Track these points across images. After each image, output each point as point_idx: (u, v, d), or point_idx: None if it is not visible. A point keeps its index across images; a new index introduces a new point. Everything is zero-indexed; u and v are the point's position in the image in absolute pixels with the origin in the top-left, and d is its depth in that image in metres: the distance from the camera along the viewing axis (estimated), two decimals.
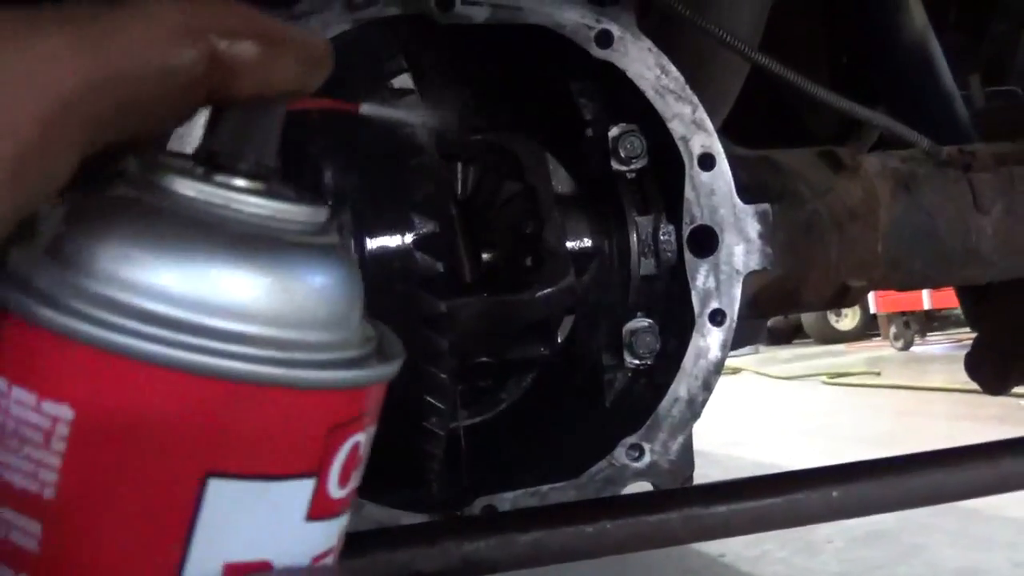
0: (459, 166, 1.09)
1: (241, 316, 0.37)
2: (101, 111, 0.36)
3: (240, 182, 0.39)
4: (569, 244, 1.01)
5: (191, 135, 0.84)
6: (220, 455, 0.36)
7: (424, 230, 0.87)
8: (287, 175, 0.42)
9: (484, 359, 1.05)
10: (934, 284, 1.22)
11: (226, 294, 0.36)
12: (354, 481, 0.41)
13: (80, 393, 0.35)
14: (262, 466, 0.37)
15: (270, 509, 0.37)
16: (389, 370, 0.42)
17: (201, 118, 0.41)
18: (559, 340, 1.07)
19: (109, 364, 0.35)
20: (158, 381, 0.35)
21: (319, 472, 0.39)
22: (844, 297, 1.14)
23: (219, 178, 0.39)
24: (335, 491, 0.40)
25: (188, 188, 0.38)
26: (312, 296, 0.39)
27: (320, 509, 0.39)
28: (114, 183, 0.39)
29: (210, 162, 0.40)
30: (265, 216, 0.39)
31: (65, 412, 0.35)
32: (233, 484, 0.36)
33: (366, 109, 0.50)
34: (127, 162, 0.39)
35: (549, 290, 0.98)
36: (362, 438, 0.41)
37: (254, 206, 0.39)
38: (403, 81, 0.90)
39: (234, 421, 0.36)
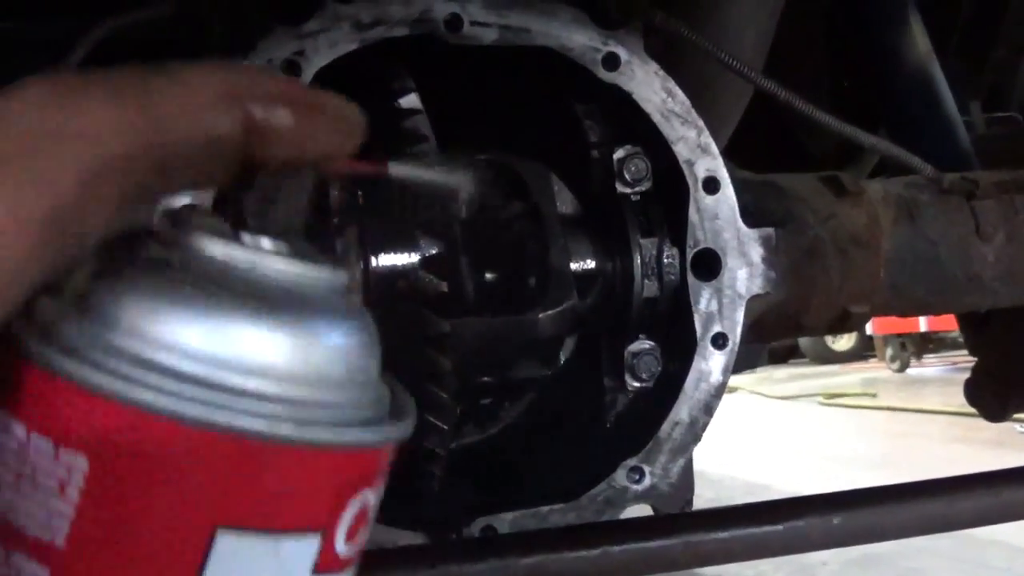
0: None
1: (259, 374, 0.37)
2: (140, 173, 0.37)
3: (267, 244, 0.40)
4: (572, 265, 1.01)
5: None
6: (230, 509, 0.36)
7: (428, 250, 0.87)
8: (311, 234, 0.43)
9: (486, 379, 1.05)
10: (935, 311, 1.22)
11: (245, 352, 0.37)
12: (361, 539, 0.42)
13: (96, 444, 0.35)
14: (271, 521, 0.37)
15: (277, 563, 0.38)
16: (401, 431, 0.42)
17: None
18: (561, 361, 1.07)
19: (126, 416, 0.35)
20: (173, 434, 0.35)
21: (327, 529, 0.39)
22: (845, 322, 1.14)
23: (246, 240, 0.40)
24: (342, 548, 0.40)
25: (215, 249, 0.39)
26: (331, 357, 0.39)
27: (326, 565, 0.39)
28: (143, 241, 0.40)
29: (239, 223, 0.41)
30: (289, 278, 0.40)
31: (81, 462, 0.35)
32: (241, 537, 0.37)
33: (394, 169, 0.51)
34: (158, 220, 0.40)
35: (552, 311, 0.97)
36: (371, 497, 0.41)
37: (279, 268, 0.40)
38: (411, 101, 0.90)
39: (247, 476, 0.36)
